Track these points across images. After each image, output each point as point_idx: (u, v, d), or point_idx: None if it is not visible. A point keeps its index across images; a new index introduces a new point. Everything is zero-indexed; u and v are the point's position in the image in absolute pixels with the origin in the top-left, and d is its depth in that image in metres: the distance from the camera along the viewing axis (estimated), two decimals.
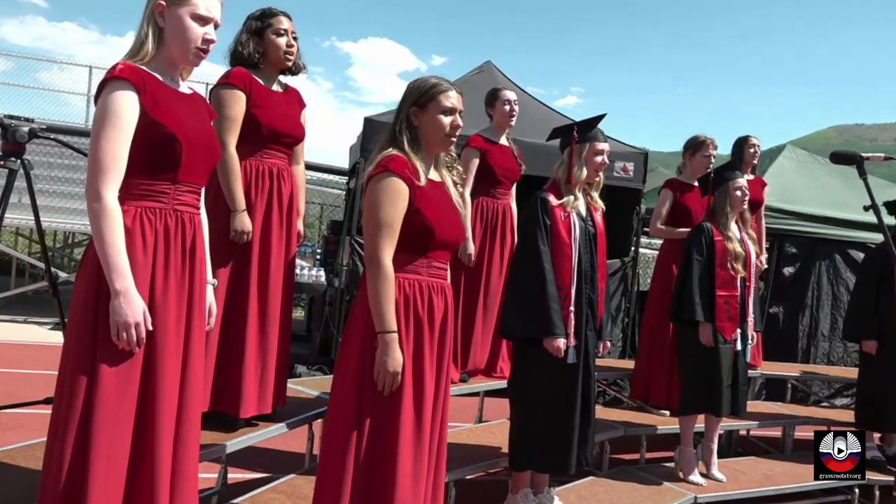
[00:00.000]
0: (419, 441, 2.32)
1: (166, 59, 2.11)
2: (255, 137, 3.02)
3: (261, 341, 3.04)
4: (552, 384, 3.31)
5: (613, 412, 4.73)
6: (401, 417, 2.29)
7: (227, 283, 2.98)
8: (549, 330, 3.26)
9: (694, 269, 3.96)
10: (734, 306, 3.93)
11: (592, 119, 3.55)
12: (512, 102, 4.30)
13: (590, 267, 3.43)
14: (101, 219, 1.93)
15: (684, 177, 4.86)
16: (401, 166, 2.32)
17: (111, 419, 1.94)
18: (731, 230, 4.00)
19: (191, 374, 2.11)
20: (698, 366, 3.94)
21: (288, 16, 3.11)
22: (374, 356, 2.30)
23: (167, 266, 2.05)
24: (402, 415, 2.30)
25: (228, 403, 2.97)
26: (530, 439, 3.35)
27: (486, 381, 4.29)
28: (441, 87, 2.41)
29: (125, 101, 1.97)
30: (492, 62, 7.66)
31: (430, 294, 2.38)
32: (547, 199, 3.40)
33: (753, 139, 5.07)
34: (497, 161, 4.22)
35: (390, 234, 2.30)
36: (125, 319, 1.92)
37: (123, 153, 1.97)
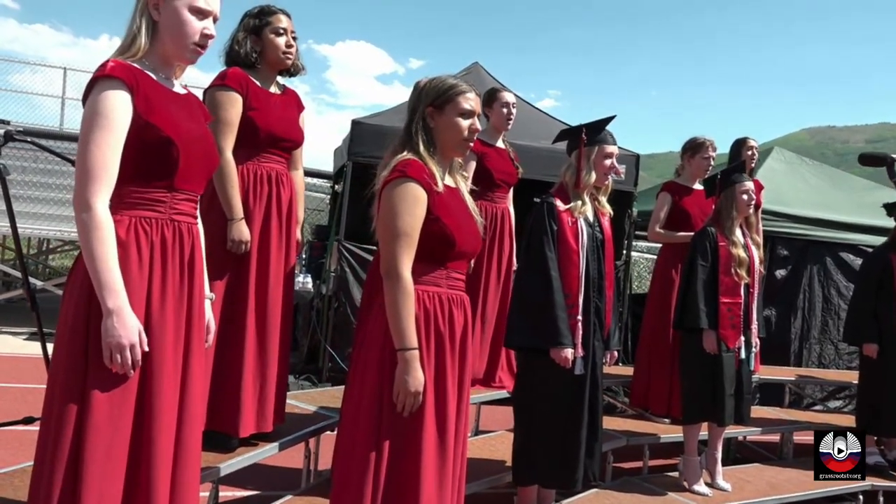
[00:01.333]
0: (443, 465, 2.18)
1: (160, 55, 1.95)
2: (252, 141, 2.87)
3: (259, 356, 2.89)
4: (558, 396, 3.20)
5: (615, 421, 4.62)
6: (423, 440, 2.15)
7: (223, 295, 2.83)
8: (556, 340, 3.15)
9: (698, 276, 3.87)
10: (737, 314, 3.84)
11: (601, 121, 3.44)
12: (510, 105, 4.19)
13: (597, 274, 3.33)
14: (90, 231, 1.77)
15: (682, 179, 4.78)
16: (418, 171, 2.18)
17: (103, 451, 1.77)
18: (736, 235, 3.91)
19: (190, 398, 1.95)
20: (701, 375, 3.85)
21: (287, 14, 2.96)
22: (393, 373, 2.15)
23: (164, 281, 1.90)
24: (424, 437, 2.15)
25: (226, 422, 2.81)
26: (535, 453, 3.23)
27: (483, 391, 4.16)
28: (460, 88, 2.27)
29: (116, 102, 1.81)
30: (479, 63, 7.55)
31: (451, 307, 2.25)
32: (554, 204, 3.28)
33: (751, 141, 5.00)
34: (494, 164, 4.10)
35: (409, 244, 2.15)
36: (119, 341, 1.76)
37: (115, 159, 1.81)
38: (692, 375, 3.96)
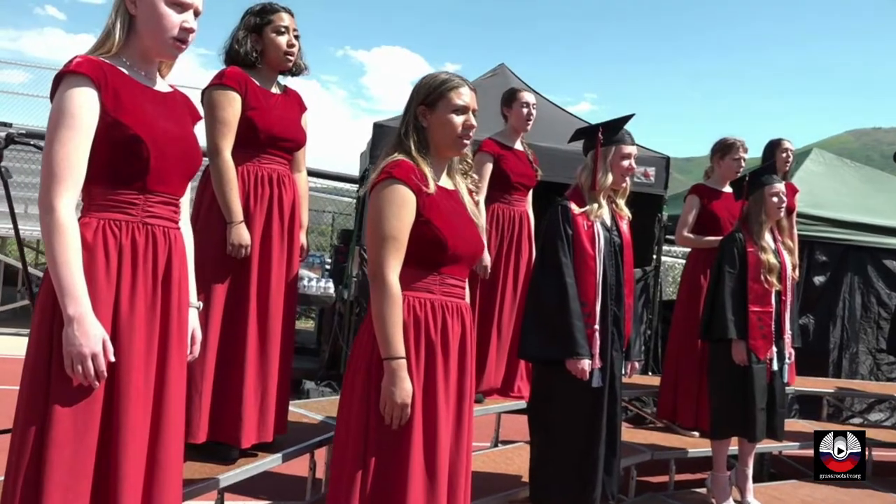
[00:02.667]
0: (432, 483, 2.05)
1: (139, 51, 1.86)
2: (251, 142, 2.78)
3: (261, 365, 2.79)
4: (575, 410, 3.04)
5: (639, 433, 4.44)
6: (410, 455, 2.03)
7: (224, 301, 2.74)
8: (573, 350, 2.99)
9: (726, 283, 3.67)
10: (768, 323, 3.64)
11: (618, 120, 3.28)
12: (531, 105, 4.04)
13: (615, 281, 3.16)
14: (52, 234, 1.68)
15: (712, 182, 4.58)
16: (406, 172, 2.06)
17: (66, 468, 1.68)
18: (766, 240, 3.71)
19: (167, 411, 1.84)
20: (731, 387, 3.66)
21: (290, 12, 2.87)
22: (380, 384, 2.04)
23: (134, 288, 1.79)
24: (411, 452, 2.03)
25: (227, 433, 2.72)
26: (551, 470, 3.08)
27: (502, 400, 4.02)
28: (452, 83, 2.15)
29: (82, 99, 1.72)
30: (505, 65, 7.41)
31: (444, 315, 2.12)
32: (568, 207, 3.13)
33: (786, 142, 4.78)
34: (512, 166, 3.96)
35: (396, 249, 2.04)
36: (80, 350, 1.66)
37: (80, 158, 1.72)
38: (721, 388, 3.77)
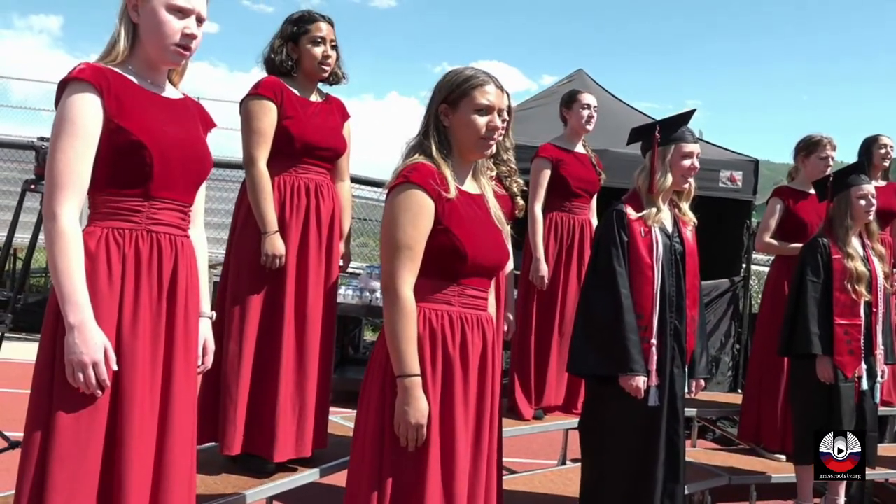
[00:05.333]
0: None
1: (144, 59, 1.85)
2: (288, 151, 2.76)
3: (298, 377, 2.75)
4: (629, 431, 2.83)
5: (717, 456, 4.13)
6: (427, 479, 1.90)
7: (260, 312, 2.73)
8: (627, 366, 2.78)
9: (809, 294, 3.36)
10: (856, 337, 3.29)
11: (678, 116, 3.06)
12: (591, 107, 3.87)
13: (675, 291, 2.93)
14: (54, 241, 1.68)
15: (797, 183, 4.22)
16: (424, 176, 1.93)
17: (69, 478, 1.66)
18: (852, 246, 3.36)
19: (174, 424, 1.81)
20: (815, 408, 3.33)
21: (329, 21, 2.83)
22: (394, 402, 1.93)
23: (137, 296, 1.77)
24: (428, 475, 1.90)
25: (261, 446, 2.69)
26: (604, 495, 2.87)
27: (564, 417, 3.83)
28: (476, 81, 2.00)
29: (85, 106, 1.72)
30: (584, 71, 7.21)
31: (464, 328, 1.98)
32: (624, 212, 2.93)
33: (885, 138, 4.36)
34: (572, 171, 3.79)
35: (410, 259, 1.91)
36: (80, 358, 1.65)
37: (83, 166, 1.72)
38: (805, 409, 3.45)
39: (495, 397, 2.09)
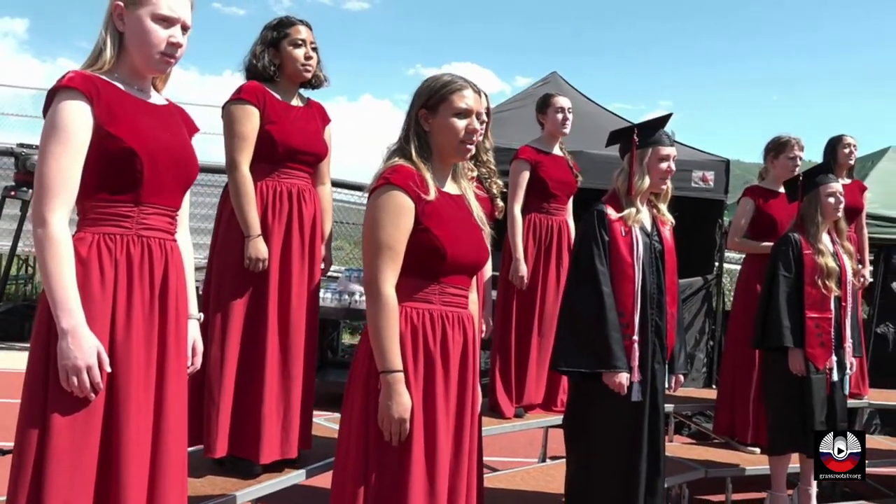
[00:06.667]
0: (433, 500, 1.97)
1: (130, 67, 1.87)
2: (270, 156, 2.77)
3: (283, 379, 2.76)
4: (613, 426, 2.89)
5: (695, 450, 4.21)
6: (410, 472, 1.95)
7: (243, 315, 2.74)
8: (609, 363, 2.85)
9: (781, 288, 3.46)
10: (827, 330, 3.39)
11: (655, 120, 3.14)
12: (565, 110, 3.92)
13: (656, 289, 3.01)
14: (45, 247, 1.69)
15: (767, 182, 4.33)
16: (405, 178, 1.99)
17: (66, 480, 1.68)
18: (823, 242, 3.47)
19: (167, 425, 1.83)
20: (788, 399, 3.43)
21: (307, 25, 2.87)
22: (377, 398, 1.97)
23: (130, 301, 1.79)
24: (411, 469, 1.95)
25: (247, 448, 2.70)
26: (589, 490, 2.93)
27: (545, 415, 3.88)
28: (454, 86, 2.06)
29: (74, 114, 1.74)
30: (558, 73, 7.28)
31: (444, 325, 2.04)
32: (604, 212, 2.99)
33: (848, 138, 4.50)
34: (549, 173, 3.85)
35: (392, 258, 1.97)
36: (74, 363, 1.67)
37: (73, 172, 1.73)
38: (777, 400, 3.55)
39: (476, 393, 2.14)
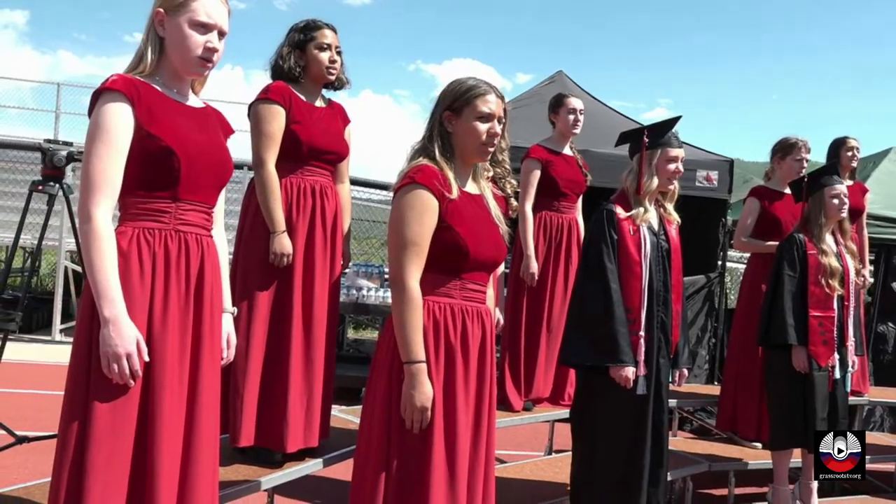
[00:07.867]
0: (453, 487, 2.06)
1: (169, 70, 1.97)
2: (295, 154, 2.87)
3: (306, 370, 2.86)
4: (619, 418, 2.99)
5: (698, 444, 4.32)
6: (432, 460, 2.04)
7: (269, 309, 2.83)
8: (616, 357, 2.95)
9: (786, 287, 3.55)
10: (829, 329, 3.49)
11: (665, 122, 3.23)
12: (577, 111, 4.01)
13: (662, 286, 3.10)
14: (89, 241, 1.79)
15: (773, 183, 4.42)
16: (429, 177, 2.08)
17: (104, 461, 1.78)
18: (826, 242, 3.56)
19: (200, 412, 1.93)
20: (790, 396, 3.52)
21: (333, 28, 2.95)
22: (401, 388, 2.07)
23: (167, 293, 1.89)
24: (433, 456, 2.04)
25: (272, 438, 2.80)
26: (594, 480, 3.03)
27: (552, 408, 3.98)
28: (479, 90, 2.15)
29: (117, 115, 1.84)
30: (563, 72, 7.37)
31: (464, 319, 2.13)
32: (613, 211, 3.09)
33: (852, 140, 4.58)
34: (560, 172, 3.94)
35: (417, 254, 2.06)
36: (115, 350, 1.77)
37: (116, 170, 1.84)
38: (780, 397, 3.64)
39: (493, 383, 2.24)
